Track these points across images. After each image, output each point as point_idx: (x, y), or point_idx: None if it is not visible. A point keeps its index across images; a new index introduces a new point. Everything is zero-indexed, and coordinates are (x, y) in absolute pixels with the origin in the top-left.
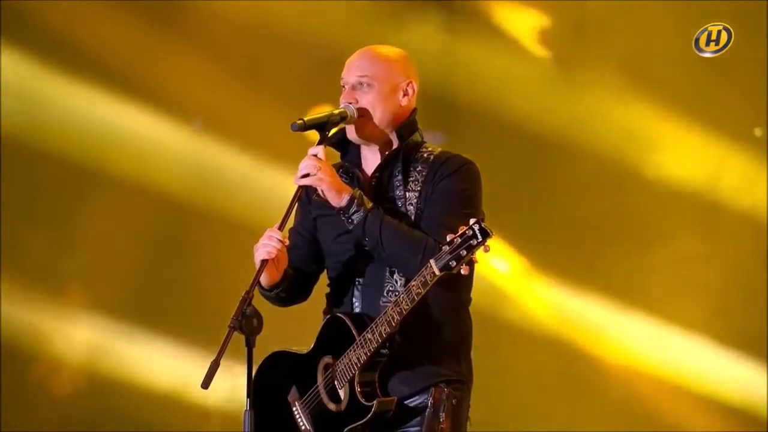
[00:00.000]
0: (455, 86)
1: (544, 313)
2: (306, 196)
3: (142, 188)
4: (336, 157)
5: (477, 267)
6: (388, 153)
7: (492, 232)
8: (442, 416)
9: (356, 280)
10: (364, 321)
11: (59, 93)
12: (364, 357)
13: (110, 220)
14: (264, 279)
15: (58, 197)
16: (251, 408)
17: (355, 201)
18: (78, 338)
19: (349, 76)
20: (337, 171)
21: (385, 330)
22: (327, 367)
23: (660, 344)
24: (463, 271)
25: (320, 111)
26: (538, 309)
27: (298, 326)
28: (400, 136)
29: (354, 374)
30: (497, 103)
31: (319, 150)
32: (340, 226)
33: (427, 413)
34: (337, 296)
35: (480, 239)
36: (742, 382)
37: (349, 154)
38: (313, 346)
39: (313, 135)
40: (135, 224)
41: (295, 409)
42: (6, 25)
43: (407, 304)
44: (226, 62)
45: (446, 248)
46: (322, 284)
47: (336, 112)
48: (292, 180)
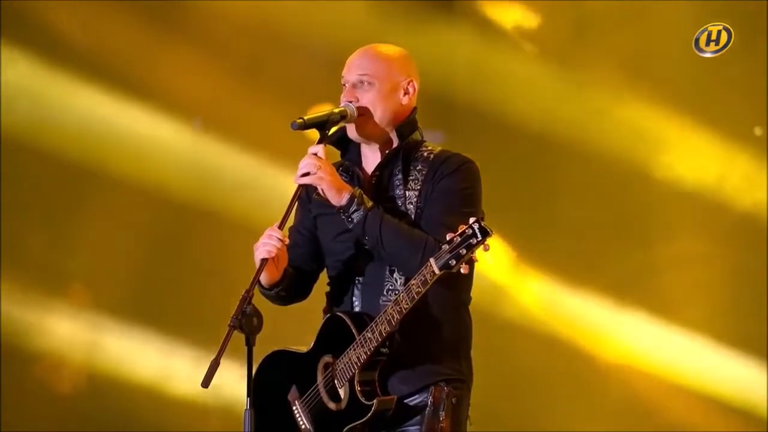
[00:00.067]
0: (455, 85)
1: (545, 313)
2: (306, 194)
3: (142, 188)
4: (336, 155)
5: (477, 266)
6: (388, 152)
7: (492, 231)
8: (442, 415)
9: (356, 279)
10: (363, 320)
11: (59, 93)
12: (363, 356)
13: (110, 220)
14: (264, 278)
15: (58, 197)
16: (251, 407)
17: (355, 200)
18: (78, 338)
19: (350, 75)
20: (337, 170)
21: (384, 329)
22: (327, 366)
23: (660, 344)
24: (462, 270)
25: (320, 110)
26: (538, 308)
27: (298, 325)
28: (401, 135)
29: (354, 373)
30: (497, 102)
31: (319, 149)
32: (340, 224)
33: (426, 412)
34: (337, 295)
35: (480, 238)
36: (742, 382)
37: (349, 153)
38: (313, 345)
39: (313, 134)
40: (135, 224)
41: (295, 408)
42: (6, 25)
43: (407, 303)
44: (226, 62)
45: (446, 247)
46: (322, 283)
47: (336, 110)
48: (292, 179)
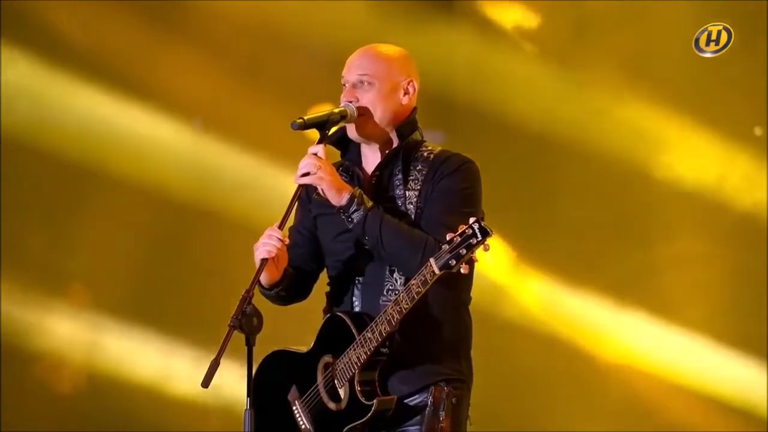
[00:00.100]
0: (455, 85)
1: (545, 313)
2: (306, 194)
3: (142, 188)
4: (336, 155)
5: (477, 266)
6: (388, 152)
7: (491, 231)
8: (442, 415)
9: (356, 279)
10: (363, 320)
11: (59, 93)
12: (363, 356)
13: (110, 220)
14: (264, 278)
15: (58, 197)
16: (251, 407)
17: (355, 200)
18: (78, 337)
19: (350, 75)
20: (337, 170)
21: (384, 329)
22: (327, 366)
23: (660, 344)
24: (462, 270)
25: (320, 110)
26: (538, 308)
27: (298, 325)
28: (401, 135)
29: (354, 373)
30: (497, 102)
31: (319, 149)
32: (340, 224)
33: (427, 412)
34: (337, 295)
35: (480, 238)
36: (742, 382)
37: (349, 153)
38: (312, 345)
39: (313, 134)
40: (135, 223)
41: (295, 408)
42: (6, 25)
43: (407, 303)
44: (226, 62)
45: (446, 247)
46: (322, 283)
47: (336, 110)
48: (292, 179)
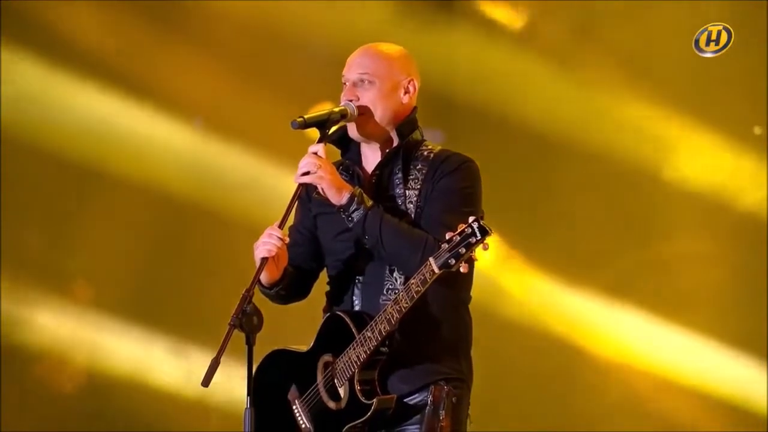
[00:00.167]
0: (455, 85)
1: (545, 312)
2: (306, 194)
3: (143, 187)
4: (336, 154)
5: (477, 265)
6: (388, 151)
7: (491, 230)
8: (442, 414)
9: (356, 278)
10: (363, 319)
11: (59, 93)
12: (363, 355)
13: (111, 219)
14: (264, 277)
15: (59, 196)
16: (251, 406)
17: (355, 199)
18: (79, 337)
19: (350, 74)
20: (337, 169)
21: (384, 328)
22: (327, 365)
23: (660, 343)
24: (462, 269)
25: (321, 109)
26: (538, 307)
27: (298, 324)
28: (401, 134)
29: (353, 372)
30: (497, 101)
31: (320, 148)
32: (340, 224)
33: (426, 411)
34: (337, 294)
35: (479, 237)
36: (742, 382)
37: (349, 152)
38: (312, 344)
39: (314, 133)
40: (135, 223)
41: (295, 407)
42: (6, 25)
43: (406, 302)
44: (227, 62)
45: (445, 246)
46: (321, 282)
47: (336, 109)
48: (293, 178)
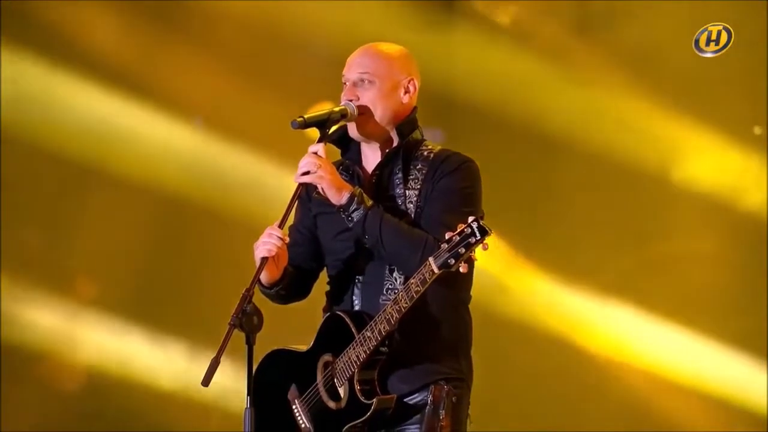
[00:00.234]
0: (455, 84)
1: (545, 311)
2: (306, 193)
3: (143, 187)
4: (336, 154)
5: (477, 264)
6: (388, 151)
7: (491, 230)
8: (442, 414)
9: (356, 278)
10: (363, 319)
11: (60, 92)
12: (363, 355)
13: (111, 219)
14: (264, 277)
15: (59, 196)
16: (251, 406)
17: (355, 199)
18: (79, 336)
19: (351, 73)
20: (338, 168)
21: (384, 328)
22: (326, 365)
23: (660, 343)
24: (462, 269)
25: (321, 108)
26: (538, 307)
27: (298, 324)
28: (401, 134)
29: (353, 372)
30: (497, 101)
31: (320, 147)
32: (340, 223)
33: (426, 411)
34: (337, 294)
35: (479, 237)
36: (742, 382)
37: (349, 152)
38: (312, 344)
39: (314, 132)
40: (136, 223)
41: (294, 407)
42: (6, 25)
43: (406, 302)
44: (228, 61)
45: (445, 246)
46: (321, 282)
47: (336, 109)
48: (293, 178)
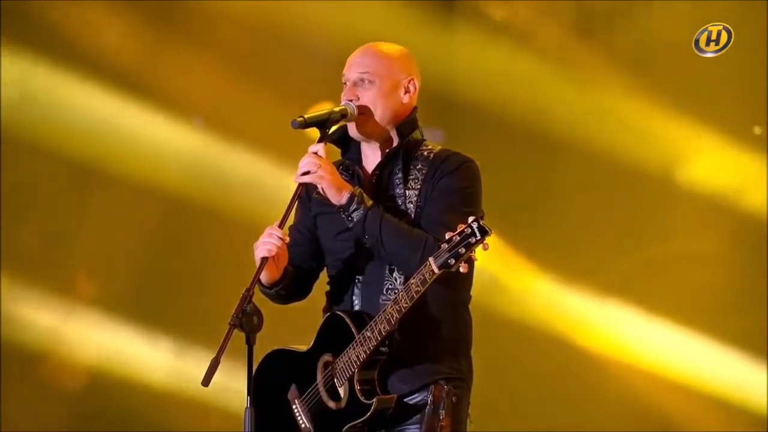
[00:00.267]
0: (455, 84)
1: (545, 312)
2: (306, 193)
3: (143, 187)
4: (337, 154)
5: (477, 264)
6: (388, 151)
7: (491, 230)
8: (442, 414)
9: (356, 278)
10: (363, 319)
11: (60, 92)
12: (363, 355)
13: (111, 219)
14: (264, 276)
15: (59, 196)
16: (251, 406)
17: (355, 199)
18: (79, 336)
19: (351, 73)
20: (338, 168)
21: (384, 328)
22: (326, 365)
23: (661, 343)
24: (462, 269)
25: (321, 108)
26: (538, 307)
27: (298, 324)
28: (401, 134)
29: (353, 372)
30: (497, 101)
31: (320, 147)
32: (340, 223)
33: (426, 411)
34: (337, 294)
35: (479, 237)
36: (742, 382)
37: (349, 152)
38: (312, 344)
39: (314, 132)
40: (136, 223)
41: (294, 407)
42: (6, 25)
43: (406, 302)
44: (228, 61)
45: (445, 246)
46: (322, 282)
47: (336, 109)
48: (293, 177)
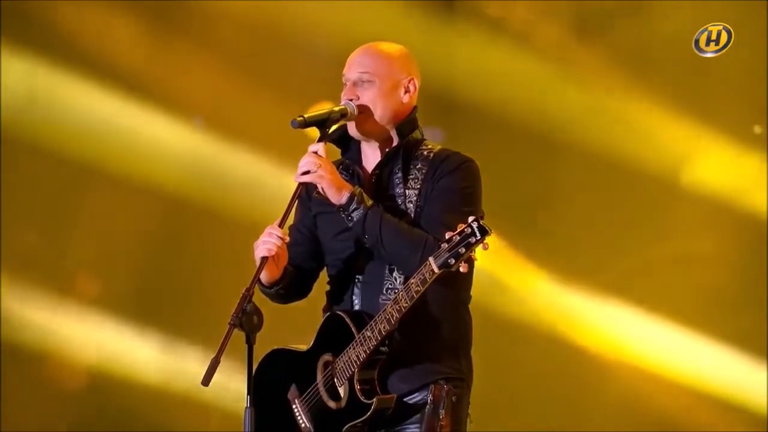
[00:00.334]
0: (455, 84)
1: (545, 311)
2: (306, 193)
3: (143, 187)
4: (337, 154)
5: (477, 264)
6: (388, 150)
7: (491, 230)
8: (442, 413)
9: (356, 278)
10: (363, 319)
11: (60, 92)
12: (363, 355)
13: (111, 219)
14: (264, 276)
15: (59, 196)
16: (251, 406)
17: (355, 198)
18: (79, 336)
19: (351, 73)
20: (338, 168)
21: (384, 328)
22: (326, 364)
23: (661, 343)
24: (462, 269)
25: (321, 108)
26: (539, 307)
27: (298, 324)
28: (401, 134)
29: (353, 372)
30: (497, 101)
31: (320, 147)
32: (340, 223)
33: (426, 410)
34: (337, 294)
35: (479, 237)
36: (742, 382)
37: (349, 151)
38: (312, 343)
39: (314, 132)
40: (136, 223)
41: (294, 406)
42: (6, 25)
43: (406, 302)
44: (228, 61)
45: (445, 246)
46: (322, 282)
47: (336, 109)
48: (293, 177)
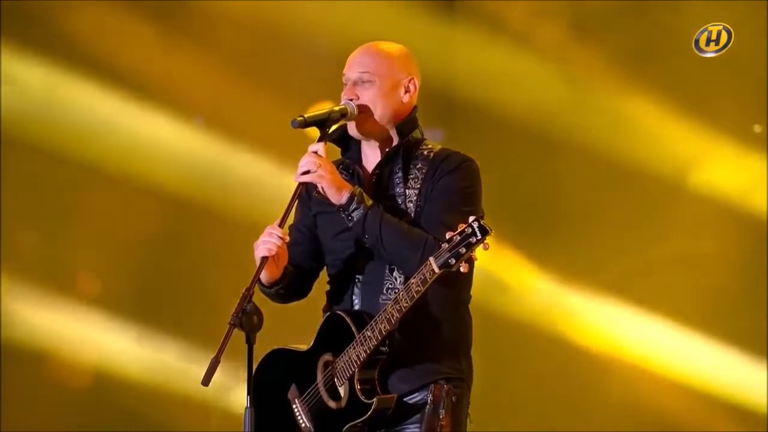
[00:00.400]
0: (456, 84)
1: (545, 311)
2: (306, 193)
3: (143, 187)
4: (337, 153)
5: (478, 264)
6: (388, 150)
7: (491, 229)
8: (442, 413)
9: (356, 278)
10: (363, 318)
11: (60, 92)
12: (363, 354)
13: (111, 219)
14: (264, 276)
15: (59, 195)
16: (251, 406)
17: (355, 198)
18: (79, 336)
19: (351, 72)
20: (338, 168)
21: (384, 327)
22: (327, 364)
23: (661, 343)
24: (462, 269)
25: (321, 108)
26: (539, 307)
27: (298, 324)
28: (401, 133)
29: (353, 372)
30: (497, 100)
31: (320, 147)
32: (340, 223)
33: (426, 410)
34: (337, 294)
35: (479, 237)
36: (742, 382)
37: (349, 151)
38: (312, 343)
39: (314, 132)
40: (136, 222)
41: (295, 406)
42: (7, 25)
43: (406, 302)
44: (228, 61)
45: (445, 246)
46: (322, 282)
47: (336, 108)
48: (293, 177)
